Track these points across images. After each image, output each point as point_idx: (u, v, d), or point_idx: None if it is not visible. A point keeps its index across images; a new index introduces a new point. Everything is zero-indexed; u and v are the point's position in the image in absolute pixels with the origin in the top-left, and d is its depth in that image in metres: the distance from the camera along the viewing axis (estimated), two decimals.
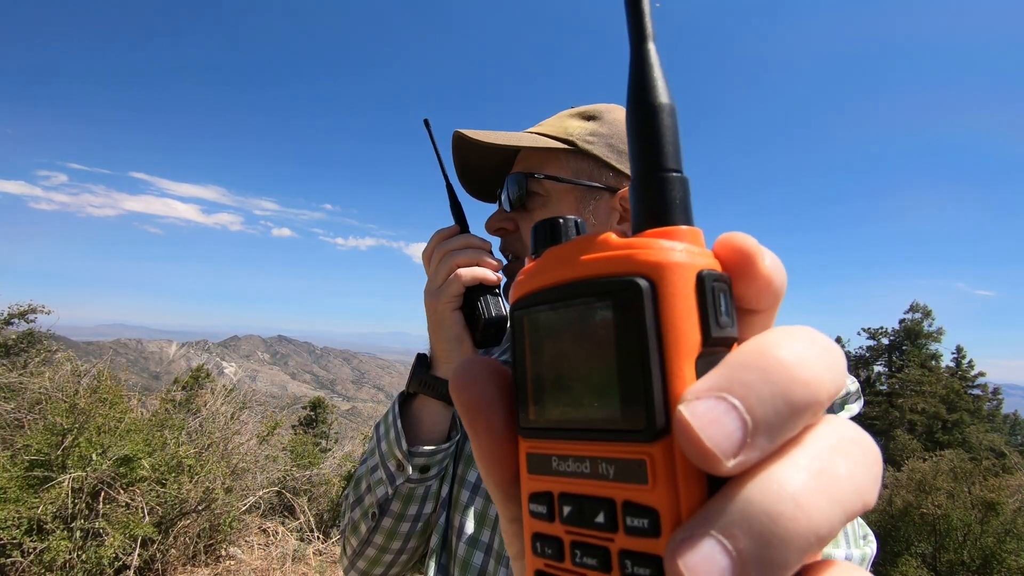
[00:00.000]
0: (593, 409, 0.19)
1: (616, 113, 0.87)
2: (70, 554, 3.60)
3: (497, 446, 0.22)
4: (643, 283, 0.17)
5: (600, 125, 0.85)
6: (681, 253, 0.18)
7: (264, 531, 5.14)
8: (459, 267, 0.78)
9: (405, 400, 0.86)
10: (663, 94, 0.20)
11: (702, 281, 0.18)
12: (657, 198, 0.19)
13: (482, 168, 0.91)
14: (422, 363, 0.84)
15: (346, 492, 0.90)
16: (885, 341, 25.63)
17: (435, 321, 0.80)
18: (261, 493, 5.29)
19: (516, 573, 0.25)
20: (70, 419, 4.07)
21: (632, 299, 0.17)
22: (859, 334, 26.12)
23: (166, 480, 4.30)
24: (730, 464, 0.15)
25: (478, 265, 0.79)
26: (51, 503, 3.66)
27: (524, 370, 0.21)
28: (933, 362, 24.18)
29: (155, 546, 4.13)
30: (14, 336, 7.31)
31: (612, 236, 0.19)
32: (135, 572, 3.81)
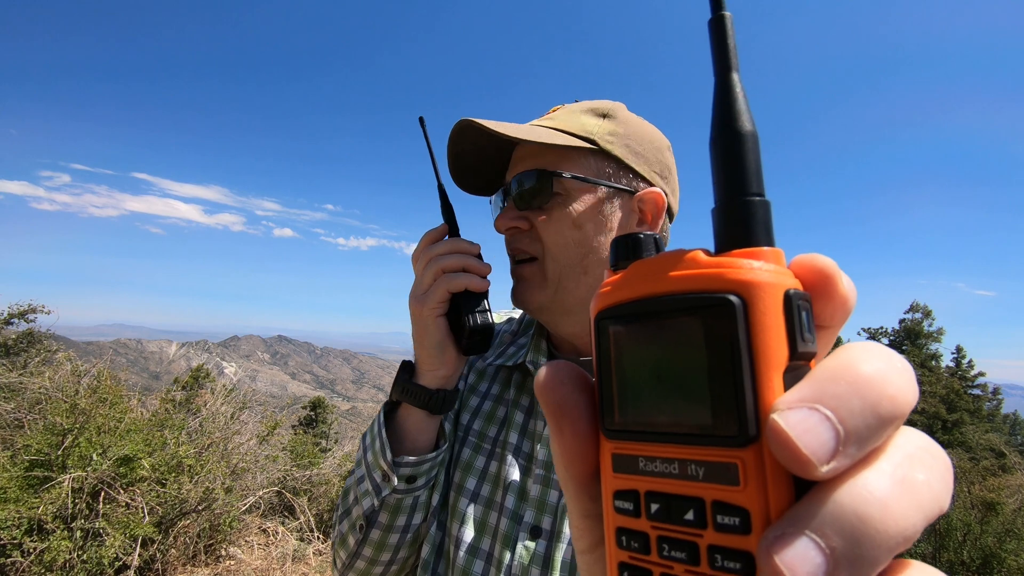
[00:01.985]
0: (683, 415, 0.20)
1: (626, 113, 0.85)
2: (70, 554, 3.60)
3: (579, 445, 0.23)
4: (735, 300, 0.18)
5: (617, 125, 0.82)
6: (770, 273, 0.19)
7: (264, 531, 5.14)
8: (445, 273, 0.76)
9: (391, 409, 0.84)
10: (747, 122, 0.21)
11: (789, 300, 0.19)
12: (742, 220, 0.20)
13: (476, 159, 0.88)
14: (406, 370, 0.82)
15: (336, 504, 0.90)
16: (885, 341, 25.63)
17: (419, 327, 0.78)
18: (261, 493, 5.29)
19: (582, 567, 0.27)
20: (70, 419, 4.07)
21: (725, 314, 0.18)
22: (859, 334, 26.11)
23: (166, 480, 4.30)
24: (824, 470, 0.17)
25: (465, 271, 0.77)
26: (51, 503, 3.66)
27: (610, 376, 0.22)
28: (933, 362, 24.19)
29: (155, 546, 4.13)
30: (14, 336, 7.32)
31: (700, 254, 0.21)
32: (135, 572, 3.81)
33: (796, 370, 0.19)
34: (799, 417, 0.17)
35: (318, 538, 5.19)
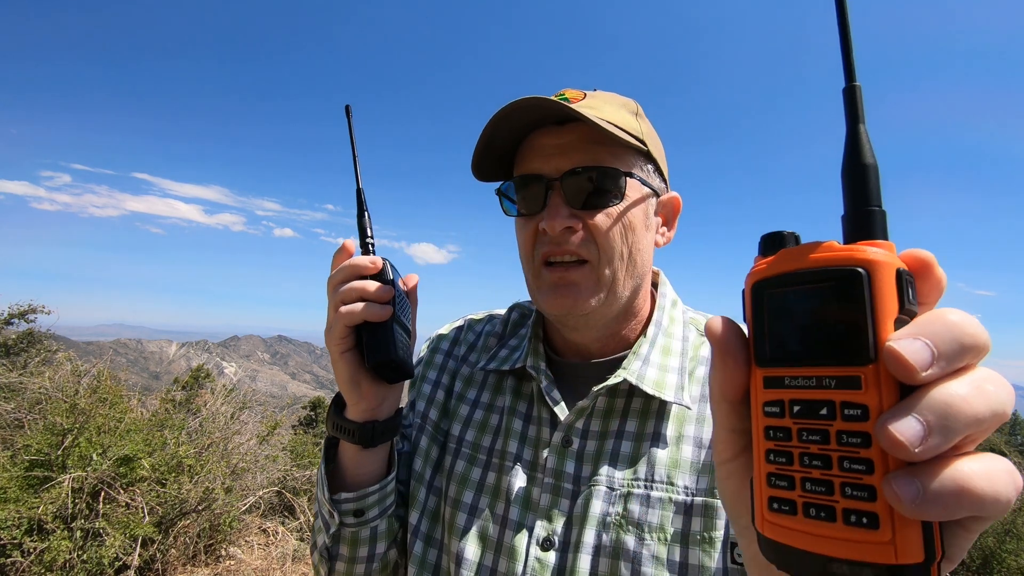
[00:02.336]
0: (823, 347, 0.28)
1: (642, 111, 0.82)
2: (70, 554, 3.60)
3: (737, 376, 0.32)
4: (863, 271, 0.27)
5: (648, 126, 0.80)
6: (885, 256, 0.28)
7: (264, 531, 5.14)
8: (343, 304, 0.70)
9: (332, 442, 0.82)
10: (871, 157, 0.31)
11: (900, 275, 0.27)
12: (866, 223, 0.30)
13: (504, 146, 0.80)
14: (337, 403, 0.79)
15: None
16: None
17: (332, 364, 0.74)
18: (261, 493, 5.29)
19: (722, 474, 0.36)
20: (70, 419, 4.07)
21: (856, 280, 0.27)
22: None
23: (166, 480, 4.30)
24: (923, 375, 0.25)
25: (362, 299, 0.70)
26: (51, 503, 3.66)
27: (764, 324, 0.31)
28: None
29: (155, 546, 4.13)
30: (14, 336, 7.32)
31: (835, 243, 0.29)
32: (135, 572, 3.81)
33: (903, 320, 0.27)
34: (907, 342, 0.26)
35: None
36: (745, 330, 0.33)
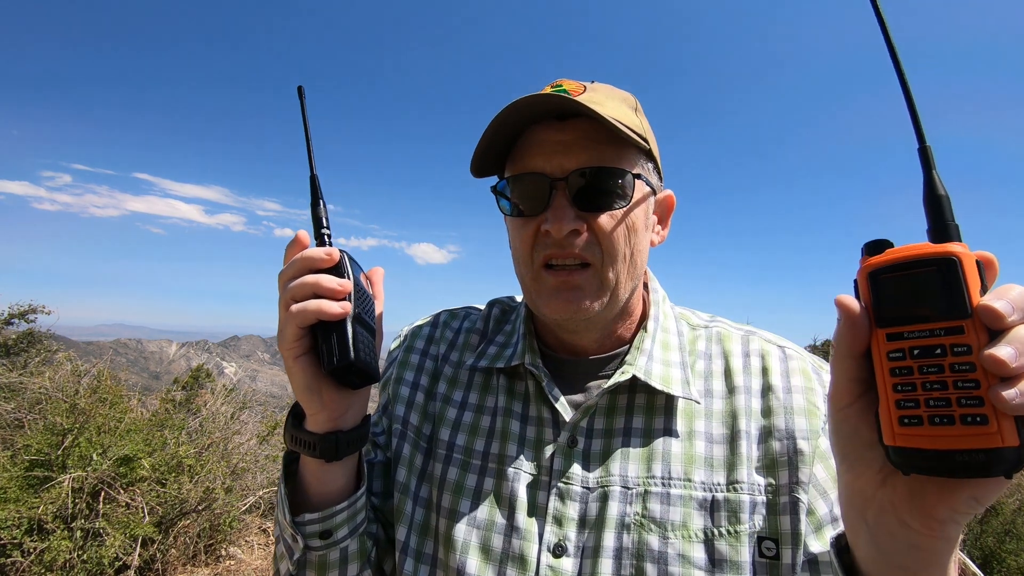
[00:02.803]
0: (932, 309, 0.39)
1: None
2: (70, 554, 3.60)
3: (863, 333, 0.42)
4: (956, 259, 0.39)
5: (646, 122, 0.78)
6: (967, 251, 0.40)
7: (264, 531, 5.14)
8: (294, 302, 0.62)
9: (292, 458, 0.75)
10: (943, 190, 0.43)
11: (978, 263, 0.39)
12: (948, 233, 0.42)
13: (501, 143, 0.76)
14: (296, 413, 0.71)
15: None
16: None
17: (286, 370, 0.65)
18: (261, 493, 5.29)
19: (840, 418, 0.45)
20: (70, 419, 4.07)
21: (953, 264, 0.39)
22: None
23: (166, 480, 4.30)
24: (1008, 321, 0.37)
25: (316, 296, 0.62)
26: (51, 503, 3.66)
27: (882, 296, 0.42)
28: None
29: (155, 546, 4.13)
30: (14, 336, 7.31)
31: (929, 244, 0.41)
32: (135, 572, 3.81)
33: (984, 289, 0.39)
34: (996, 301, 0.37)
35: None
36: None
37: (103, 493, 3.98)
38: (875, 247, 0.44)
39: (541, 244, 0.73)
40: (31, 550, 3.53)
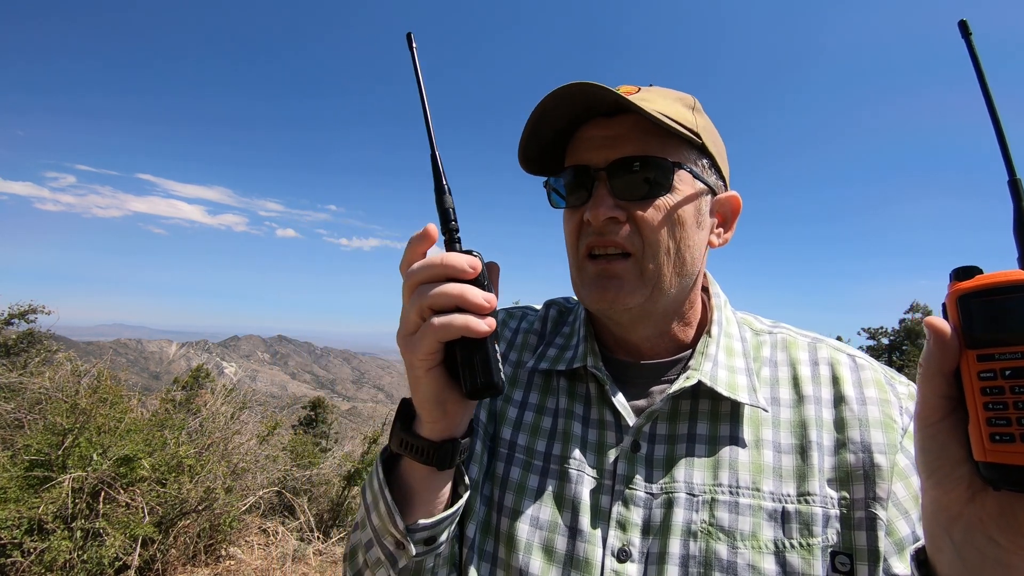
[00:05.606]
0: (1023, 331, 0.39)
1: (701, 107, 0.80)
2: (70, 554, 3.60)
3: (953, 353, 0.42)
4: None
5: (705, 121, 0.78)
6: None
7: (264, 531, 5.14)
8: (434, 311, 0.58)
9: (391, 459, 0.72)
10: None
11: None
12: None
13: (550, 136, 0.78)
14: (404, 415, 0.69)
15: (344, 555, 0.80)
16: (885, 341, 25.60)
17: (410, 375, 0.62)
18: (261, 493, 5.29)
19: (929, 433, 0.45)
20: (70, 419, 4.07)
21: None
22: (859, 334, 26.08)
23: (166, 480, 4.30)
24: None
25: (460, 309, 0.57)
26: (51, 503, 3.66)
27: (973, 319, 0.42)
28: None
29: (155, 546, 4.13)
30: (14, 336, 7.32)
31: (1020, 271, 0.41)
32: (135, 572, 3.81)
33: None
34: None
35: (318, 538, 5.18)
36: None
37: (103, 493, 3.98)
38: (964, 273, 0.45)
39: (585, 234, 0.75)
40: (31, 550, 3.53)
